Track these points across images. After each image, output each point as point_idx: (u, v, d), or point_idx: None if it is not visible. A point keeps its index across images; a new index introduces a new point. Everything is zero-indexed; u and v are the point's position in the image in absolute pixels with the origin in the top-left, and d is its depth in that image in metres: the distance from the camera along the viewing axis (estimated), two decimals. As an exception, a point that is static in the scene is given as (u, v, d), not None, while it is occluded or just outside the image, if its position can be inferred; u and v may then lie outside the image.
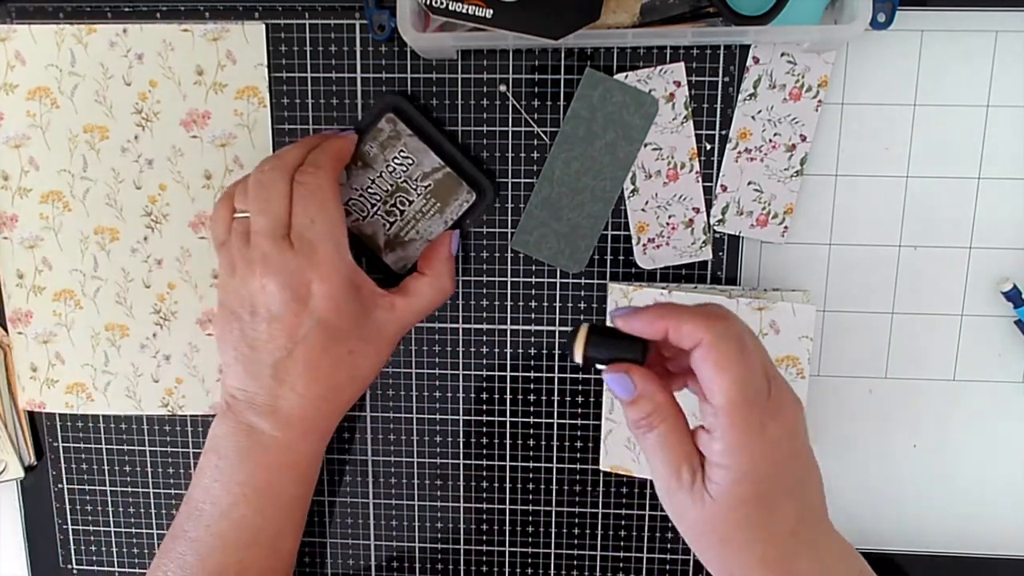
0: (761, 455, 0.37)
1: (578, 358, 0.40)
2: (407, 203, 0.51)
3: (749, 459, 0.37)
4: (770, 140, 0.51)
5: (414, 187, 0.51)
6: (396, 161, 0.51)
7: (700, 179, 0.52)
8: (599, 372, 0.43)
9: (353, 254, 0.48)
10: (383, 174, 0.51)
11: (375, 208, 0.52)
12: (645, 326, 0.39)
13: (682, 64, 0.51)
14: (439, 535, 0.58)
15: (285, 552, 0.49)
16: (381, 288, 0.49)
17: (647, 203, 0.53)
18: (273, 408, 0.47)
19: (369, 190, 0.51)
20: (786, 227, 0.52)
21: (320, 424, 0.49)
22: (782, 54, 0.51)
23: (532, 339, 0.55)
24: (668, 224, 0.53)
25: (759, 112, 0.51)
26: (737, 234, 0.53)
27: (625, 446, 0.54)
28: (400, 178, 0.51)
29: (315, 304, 0.46)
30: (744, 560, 0.39)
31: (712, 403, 0.37)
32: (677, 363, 0.42)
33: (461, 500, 0.57)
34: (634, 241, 0.53)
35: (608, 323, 0.45)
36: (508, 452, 0.56)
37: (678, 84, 0.51)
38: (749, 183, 0.52)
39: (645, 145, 0.52)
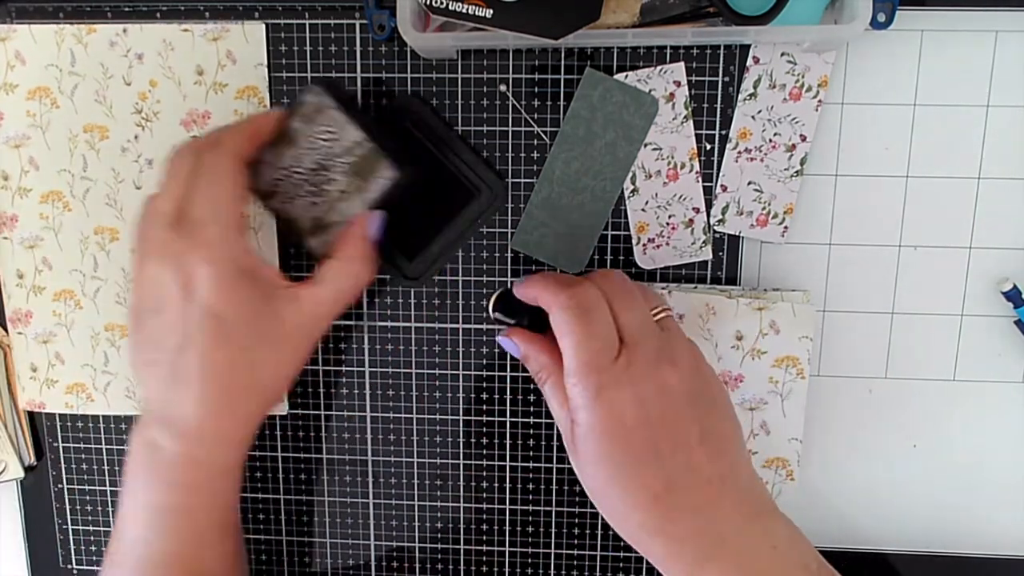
0: (605, 417, 0.40)
1: (491, 313, 0.49)
2: (330, 182, 0.47)
3: (592, 419, 0.40)
4: (770, 140, 0.51)
5: (336, 164, 0.46)
6: (321, 137, 0.46)
7: (700, 179, 0.52)
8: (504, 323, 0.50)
9: (283, 241, 0.46)
10: (308, 151, 0.46)
11: (301, 188, 0.47)
12: (523, 294, 0.45)
13: (682, 64, 0.51)
14: (439, 535, 0.58)
15: None
16: (285, 278, 0.45)
17: (647, 203, 0.53)
18: (170, 418, 0.42)
19: (295, 169, 0.47)
20: (786, 227, 0.52)
21: (226, 435, 0.43)
22: (782, 54, 0.51)
23: (532, 339, 0.55)
24: (668, 224, 0.53)
25: (759, 112, 0.51)
26: (737, 234, 0.53)
27: None
28: (323, 155, 0.46)
29: (200, 292, 0.41)
30: (624, 522, 0.41)
31: (564, 364, 0.41)
32: None
33: (461, 500, 0.57)
34: (634, 241, 0.53)
35: None
36: (508, 452, 0.56)
37: (678, 84, 0.51)
38: (749, 183, 0.52)
39: (645, 145, 0.52)
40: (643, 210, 0.53)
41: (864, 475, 0.55)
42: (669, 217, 0.53)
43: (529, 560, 0.58)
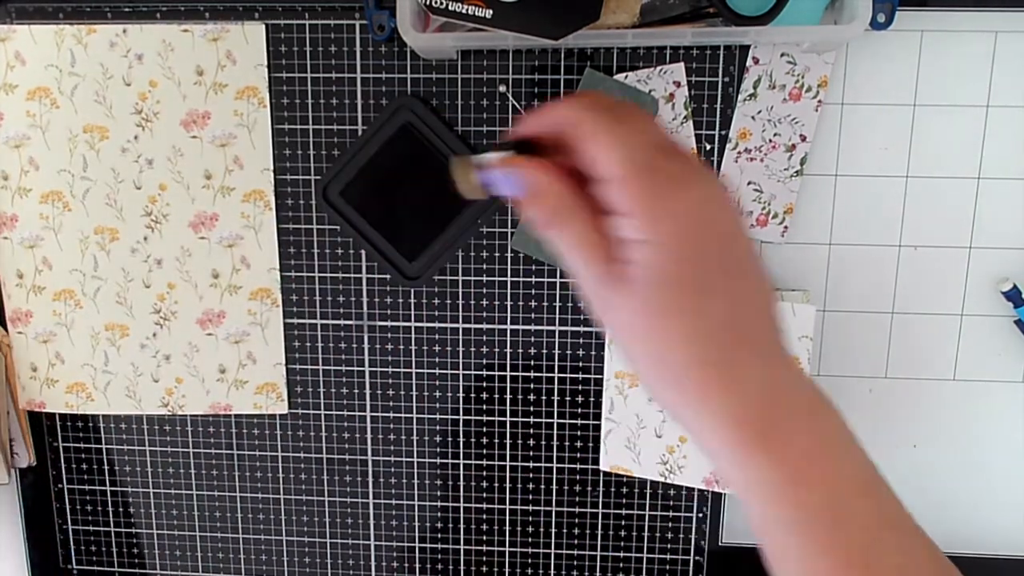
0: (678, 225, 0.31)
1: (471, 188, 0.35)
2: None
3: (666, 228, 0.31)
4: (770, 140, 0.51)
5: None
6: None
7: None
8: (488, 189, 0.36)
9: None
10: None
11: None
12: (524, 129, 0.34)
13: (682, 64, 0.51)
14: (439, 535, 0.58)
15: None
16: None
17: None
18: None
19: None
20: (786, 227, 0.52)
21: None
22: (782, 54, 0.50)
23: (532, 339, 0.55)
24: None
25: (759, 112, 0.51)
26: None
27: (625, 446, 0.54)
28: None
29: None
30: (682, 356, 0.32)
31: (606, 176, 0.32)
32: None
33: (461, 500, 0.57)
34: None
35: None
36: (508, 452, 0.56)
37: (678, 84, 0.51)
38: (749, 183, 0.52)
39: None
40: None
41: (864, 475, 0.55)
42: None
43: (529, 560, 0.58)
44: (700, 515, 0.56)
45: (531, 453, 0.56)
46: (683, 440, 0.54)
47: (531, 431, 0.56)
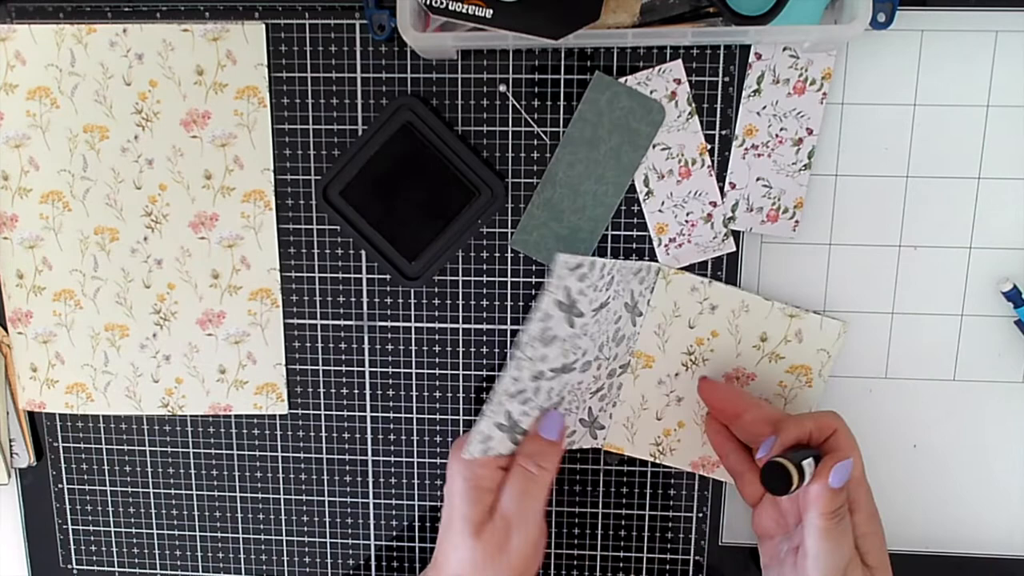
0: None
1: (802, 481, 0.43)
2: None
3: (877, 523, 0.47)
4: (776, 135, 0.51)
5: None
6: None
7: (713, 173, 0.52)
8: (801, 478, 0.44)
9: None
10: None
11: None
12: (798, 436, 0.45)
13: (680, 61, 0.51)
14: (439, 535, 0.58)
15: None
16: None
17: (663, 204, 0.53)
18: None
19: None
20: (797, 221, 0.52)
21: None
22: (784, 48, 0.50)
23: (532, 339, 0.55)
24: (687, 222, 0.53)
25: (764, 108, 0.51)
26: (748, 231, 0.53)
27: (624, 425, 0.54)
28: None
29: None
30: None
31: (853, 478, 0.45)
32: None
33: (461, 500, 0.57)
34: (655, 243, 0.53)
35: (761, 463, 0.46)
36: (508, 452, 0.56)
37: (678, 82, 0.51)
38: (757, 179, 0.52)
39: (653, 146, 0.52)
40: (660, 211, 0.53)
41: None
42: (687, 215, 0.53)
43: (529, 560, 0.58)
44: (700, 515, 0.56)
45: (531, 453, 0.56)
46: (681, 425, 0.54)
47: (531, 431, 0.56)
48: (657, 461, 0.55)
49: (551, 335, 0.45)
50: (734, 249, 0.53)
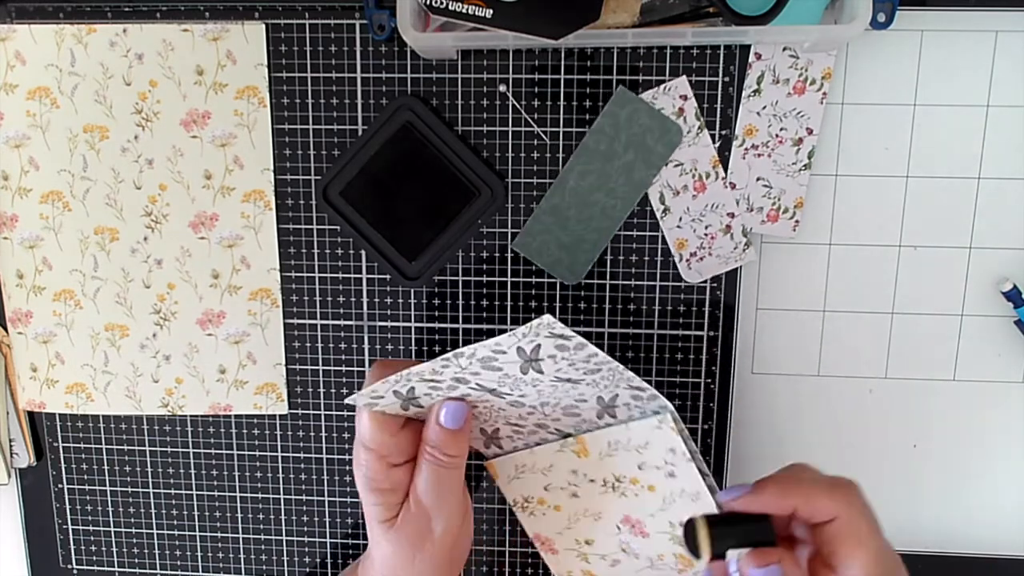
0: None
1: (706, 556, 0.39)
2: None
3: None
4: (776, 135, 0.51)
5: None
6: None
7: (728, 185, 0.52)
8: (721, 557, 0.40)
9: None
10: None
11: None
12: (771, 505, 0.40)
13: (684, 78, 0.51)
14: (439, 535, 0.58)
15: None
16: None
17: (680, 219, 0.53)
18: None
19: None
20: (797, 221, 0.52)
21: None
22: (784, 48, 0.50)
23: (532, 339, 0.55)
24: (707, 235, 0.53)
25: (764, 108, 0.51)
26: (748, 231, 0.53)
27: (518, 466, 0.50)
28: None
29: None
30: None
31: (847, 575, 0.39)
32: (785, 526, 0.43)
33: (461, 500, 0.57)
34: (676, 259, 0.53)
35: (713, 509, 0.42)
36: (508, 452, 0.56)
37: (685, 98, 0.51)
38: (758, 179, 0.52)
39: (666, 164, 0.52)
40: (678, 227, 0.53)
41: (864, 475, 0.55)
42: (706, 228, 0.53)
43: (529, 560, 0.58)
44: (700, 515, 0.56)
45: (531, 453, 0.56)
46: (558, 509, 0.50)
47: (531, 431, 0.56)
48: (518, 515, 0.51)
49: (495, 365, 0.41)
50: (755, 258, 0.53)
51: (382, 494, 0.44)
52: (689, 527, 0.40)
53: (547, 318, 0.37)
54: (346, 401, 0.41)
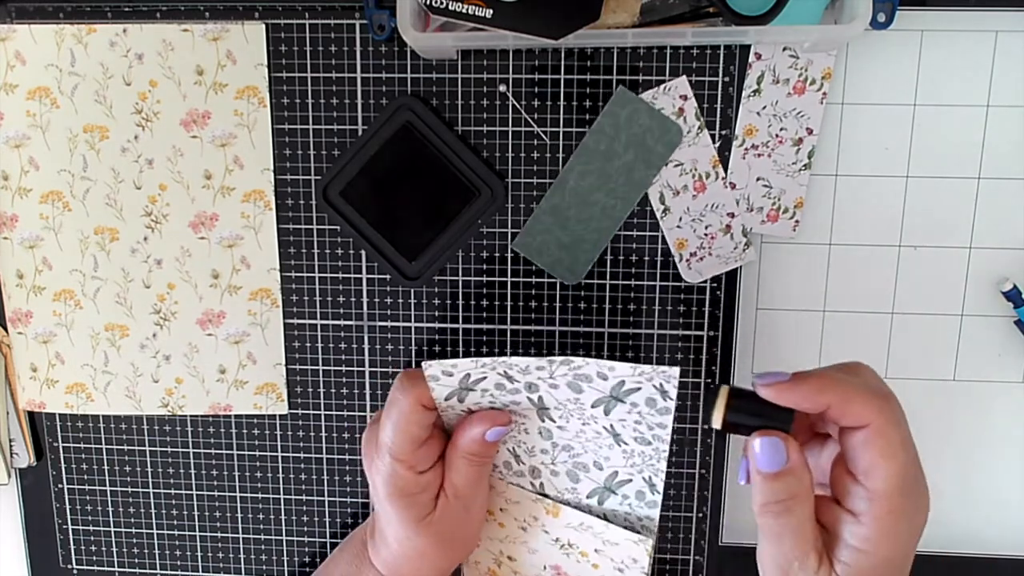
0: (904, 544, 0.37)
1: (717, 423, 0.38)
2: None
3: (892, 547, 0.37)
4: (776, 135, 0.51)
5: None
6: None
7: (727, 185, 0.52)
8: (739, 433, 0.39)
9: None
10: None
11: None
12: (805, 400, 0.37)
13: (684, 78, 0.51)
14: (439, 535, 0.58)
15: None
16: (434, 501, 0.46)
17: (680, 219, 0.53)
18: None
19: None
20: (797, 221, 0.52)
21: None
22: (784, 48, 0.50)
23: (532, 339, 0.55)
24: (707, 235, 0.53)
25: (764, 108, 0.51)
26: (748, 231, 0.53)
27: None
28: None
29: (374, 499, 0.48)
30: None
31: (868, 487, 0.37)
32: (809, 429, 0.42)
33: (461, 500, 0.57)
34: (676, 259, 0.53)
35: (750, 387, 0.40)
36: (508, 452, 0.56)
37: (684, 98, 0.51)
38: (758, 179, 0.52)
39: (666, 164, 0.52)
40: (678, 227, 0.53)
41: (864, 475, 0.55)
42: (706, 228, 0.53)
43: (529, 560, 0.58)
44: (700, 515, 0.56)
45: (531, 453, 0.56)
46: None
47: (531, 431, 0.56)
48: None
49: (581, 387, 0.41)
50: (755, 259, 0.53)
51: (414, 497, 0.44)
52: (710, 393, 0.40)
53: (676, 370, 0.37)
54: (423, 364, 0.41)
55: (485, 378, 0.42)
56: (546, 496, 0.48)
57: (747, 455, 0.38)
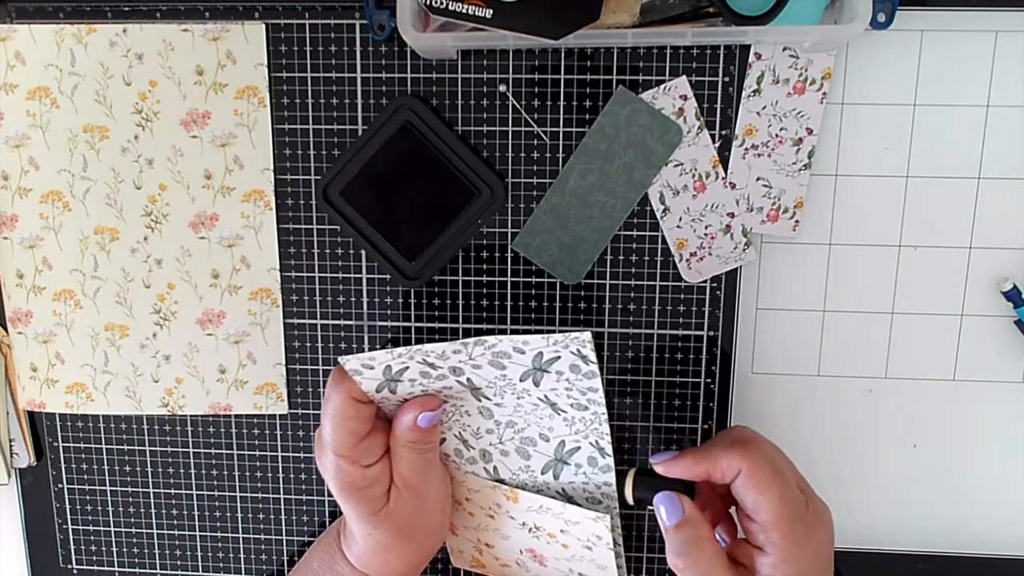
0: (809, 561, 0.42)
1: (629, 499, 0.45)
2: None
3: (799, 566, 0.42)
4: (776, 135, 0.51)
5: None
6: None
7: (728, 184, 0.52)
8: (648, 507, 0.45)
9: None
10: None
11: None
12: (688, 470, 0.44)
13: (684, 78, 0.51)
14: (439, 535, 0.58)
15: None
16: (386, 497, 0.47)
17: (680, 219, 0.53)
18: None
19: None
20: (797, 221, 0.52)
21: None
22: (784, 48, 0.50)
23: (532, 339, 0.55)
24: (707, 235, 0.53)
25: (764, 108, 0.51)
26: (748, 231, 0.53)
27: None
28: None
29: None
30: None
31: (759, 521, 0.42)
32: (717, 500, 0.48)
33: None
34: (676, 259, 0.53)
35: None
36: (508, 452, 0.56)
37: (684, 98, 0.51)
38: (758, 179, 0.52)
39: (666, 163, 0.52)
40: (678, 227, 0.53)
41: (864, 475, 0.55)
42: (706, 228, 0.53)
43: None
44: (700, 515, 0.56)
45: (531, 453, 0.56)
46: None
47: (531, 431, 0.56)
48: None
49: (503, 363, 0.42)
50: (755, 259, 0.53)
51: (364, 491, 0.45)
52: (620, 476, 0.45)
53: (588, 334, 0.40)
54: (339, 359, 0.42)
55: (407, 368, 0.43)
56: (502, 482, 0.49)
57: (657, 516, 0.44)
